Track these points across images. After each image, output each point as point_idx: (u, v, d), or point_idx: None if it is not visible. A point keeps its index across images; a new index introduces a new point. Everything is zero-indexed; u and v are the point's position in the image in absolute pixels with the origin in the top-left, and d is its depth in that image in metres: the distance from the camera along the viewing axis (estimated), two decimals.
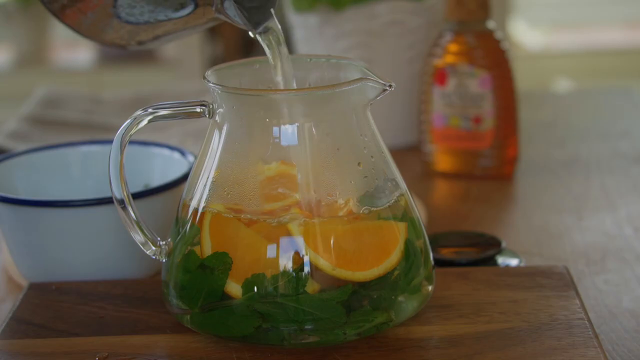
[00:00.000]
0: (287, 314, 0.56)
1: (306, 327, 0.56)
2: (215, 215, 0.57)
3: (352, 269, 0.56)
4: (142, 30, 0.62)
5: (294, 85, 0.61)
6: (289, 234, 0.56)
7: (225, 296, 0.57)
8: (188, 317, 0.58)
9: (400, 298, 0.58)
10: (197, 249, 0.58)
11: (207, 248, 0.57)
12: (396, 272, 0.57)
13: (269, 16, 0.60)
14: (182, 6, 0.60)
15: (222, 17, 0.60)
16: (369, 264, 0.56)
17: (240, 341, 0.57)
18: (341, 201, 0.57)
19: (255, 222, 0.56)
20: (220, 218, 0.57)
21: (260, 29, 0.60)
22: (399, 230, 0.58)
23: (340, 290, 0.56)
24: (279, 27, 0.61)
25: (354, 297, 0.56)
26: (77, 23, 0.63)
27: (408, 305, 0.59)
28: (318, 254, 0.55)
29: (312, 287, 0.56)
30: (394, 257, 0.57)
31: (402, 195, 0.60)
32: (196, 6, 0.60)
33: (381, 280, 0.57)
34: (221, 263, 0.56)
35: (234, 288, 0.56)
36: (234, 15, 0.59)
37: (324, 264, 0.55)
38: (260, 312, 0.56)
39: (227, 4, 0.58)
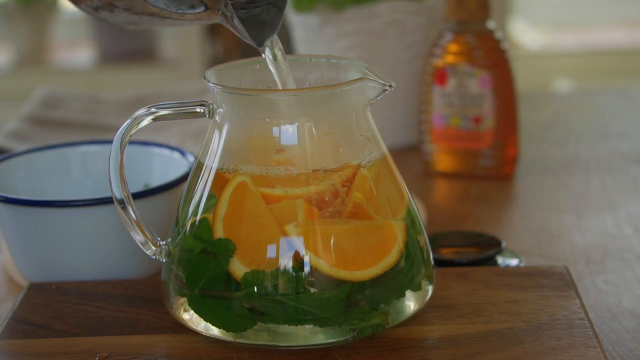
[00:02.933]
0: (285, 312, 0.56)
1: (305, 325, 0.56)
2: (235, 184, 0.57)
3: (350, 269, 0.56)
4: (148, 18, 0.62)
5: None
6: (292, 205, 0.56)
7: (228, 285, 0.56)
8: (186, 299, 0.58)
9: (400, 298, 0.58)
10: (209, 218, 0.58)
11: (220, 212, 0.57)
12: (396, 272, 0.57)
13: (270, 35, 0.60)
14: (194, 7, 0.60)
15: (227, 24, 0.60)
16: (367, 264, 0.56)
17: (238, 339, 0.57)
18: (340, 200, 0.57)
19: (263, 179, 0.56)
20: (239, 187, 0.57)
21: (263, 45, 0.60)
22: (398, 230, 0.58)
23: (340, 289, 0.56)
24: (280, 46, 0.61)
25: (353, 295, 0.56)
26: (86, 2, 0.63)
27: (407, 306, 0.59)
28: (317, 254, 0.55)
29: (310, 289, 0.56)
30: (392, 256, 0.57)
31: (401, 195, 0.60)
32: (206, 8, 0.60)
33: (380, 280, 0.57)
34: (224, 249, 0.56)
35: (237, 267, 0.56)
36: (237, 27, 0.59)
37: (323, 263, 0.55)
38: (258, 310, 0.56)
39: (234, 20, 0.59)
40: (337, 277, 0.56)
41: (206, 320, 0.57)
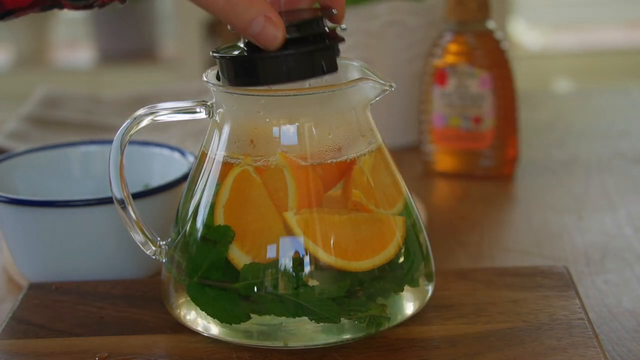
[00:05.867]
0: (283, 304, 0.56)
1: (305, 325, 0.56)
2: (238, 171, 0.57)
3: (348, 259, 0.56)
4: None
5: None
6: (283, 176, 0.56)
7: (227, 274, 0.56)
8: (184, 288, 0.58)
9: (398, 292, 0.58)
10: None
11: (223, 199, 0.57)
12: (394, 266, 0.58)
13: None
14: None
15: None
16: (365, 255, 0.57)
17: (238, 338, 0.57)
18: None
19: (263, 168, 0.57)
20: (241, 175, 0.57)
21: None
22: (397, 225, 0.58)
23: (339, 287, 0.56)
24: None
25: (351, 290, 0.56)
26: None
27: (406, 304, 0.59)
28: (315, 242, 0.55)
29: (309, 281, 0.56)
30: (391, 249, 0.57)
31: (402, 194, 0.60)
32: None
33: (379, 273, 0.57)
34: (223, 236, 0.56)
35: (236, 255, 0.56)
36: None
37: (321, 251, 0.55)
38: (255, 301, 0.56)
39: None
40: (335, 265, 0.56)
41: (202, 309, 0.58)
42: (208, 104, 0.59)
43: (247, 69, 0.56)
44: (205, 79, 0.59)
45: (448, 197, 0.96)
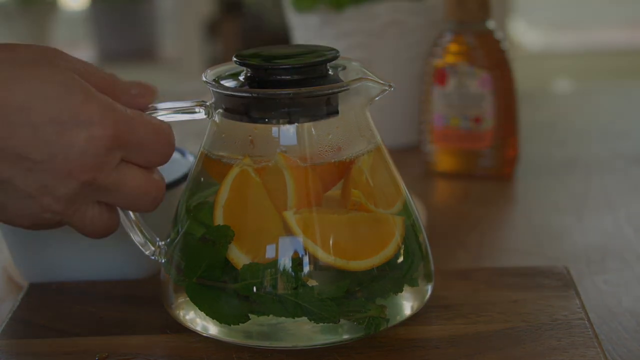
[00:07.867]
0: (282, 305, 0.56)
1: (304, 325, 0.56)
2: (238, 172, 0.57)
3: (347, 258, 0.56)
4: None
5: None
6: (282, 176, 0.56)
7: (226, 274, 0.56)
8: (184, 288, 0.58)
9: (397, 292, 0.58)
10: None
11: (221, 199, 0.57)
12: (393, 266, 0.58)
13: None
14: None
15: None
16: (364, 255, 0.57)
17: (237, 339, 0.57)
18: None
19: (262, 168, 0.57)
20: (240, 175, 0.57)
21: None
22: (396, 224, 0.58)
23: (338, 287, 0.56)
24: None
25: (350, 290, 0.56)
26: None
27: (405, 304, 0.59)
28: (314, 241, 0.55)
29: (308, 281, 0.56)
30: (390, 249, 0.57)
31: (401, 194, 0.60)
32: None
33: (378, 273, 0.57)
34: (223, 236, 0.56)
35: (235, 254, 0.56)
36: None
37: (320, 251, 0.55)
38: (254, 301, 0.56)
39: None
40: (334, 265, 0.56)
41: (201, 309, 0.57)
42: (207, 104, 0.59)
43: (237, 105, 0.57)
44: (205, 79, 0.59)
45: (448, 197, 0.96)
